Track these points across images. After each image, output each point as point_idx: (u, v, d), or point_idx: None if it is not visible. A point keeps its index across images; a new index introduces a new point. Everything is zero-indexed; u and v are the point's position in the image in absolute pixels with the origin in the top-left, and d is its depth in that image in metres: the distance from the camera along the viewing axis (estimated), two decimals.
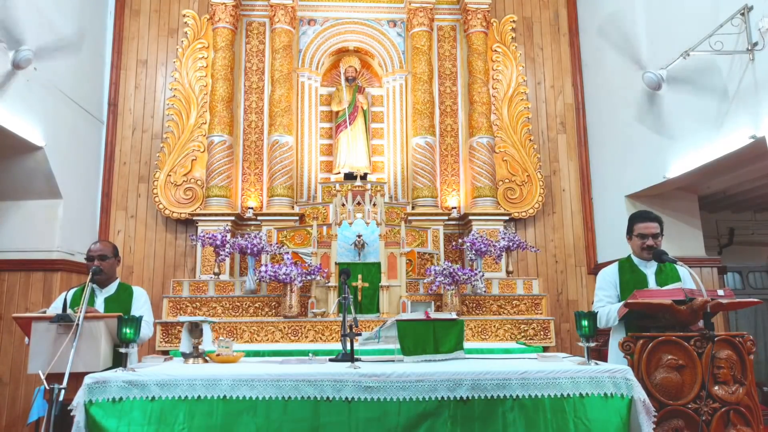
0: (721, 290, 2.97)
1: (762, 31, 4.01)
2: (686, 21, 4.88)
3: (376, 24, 6.96)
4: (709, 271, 5.87)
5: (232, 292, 5.34)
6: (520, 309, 5.41)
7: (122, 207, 6.52)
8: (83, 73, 6.13)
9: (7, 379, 5.29)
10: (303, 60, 6.84)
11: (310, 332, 4.97)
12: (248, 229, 6.33)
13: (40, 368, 2.60)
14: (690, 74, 4.78)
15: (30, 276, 5.43)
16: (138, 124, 6.71)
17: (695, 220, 6.06)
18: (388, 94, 7.02)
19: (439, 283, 5.10)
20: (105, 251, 3.64)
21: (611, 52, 6.30)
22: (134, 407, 2.48)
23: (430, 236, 6.24)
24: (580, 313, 2.84)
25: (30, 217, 5.52)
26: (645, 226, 3.36)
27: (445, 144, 6.80)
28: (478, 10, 6.78)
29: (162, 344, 4.98)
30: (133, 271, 6.40)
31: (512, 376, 2.60)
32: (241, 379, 2.55)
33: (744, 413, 2.78)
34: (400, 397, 2.54)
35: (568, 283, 6.75)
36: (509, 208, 6.59)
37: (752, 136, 4.11)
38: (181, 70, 6.64)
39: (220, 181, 6.25)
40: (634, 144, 5.87)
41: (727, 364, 2.79)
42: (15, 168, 5.27)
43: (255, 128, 6.67)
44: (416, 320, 3.15)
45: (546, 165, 6.94)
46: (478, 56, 6.73)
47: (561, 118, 7.08)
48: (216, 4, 6.54)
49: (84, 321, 2.75)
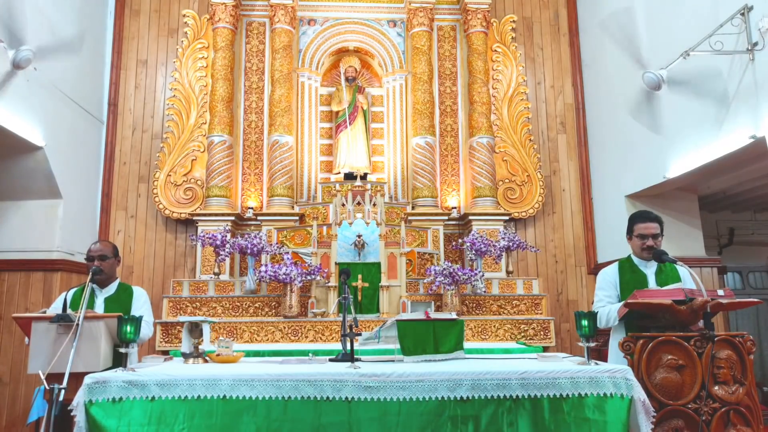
0: (721, 290, 2.96)
1: (762, 31, 4.01)
2: (686, 21, 4.87)
3: (376, 24, 6.95)
4: (709, 271, 5.87)
5: (232, 292, 5.34)
6: (520, 309, 5.41)
7: (122, 207, 6.52)
8: (83, 73, 6.13)
9: (7, 379, 5.29)
10: (303, 60, 6.84)
11: (310, 332, 4.97)
12: (248, 229, 6.33)
13: (40, 368, 2.60)
14: (690, 74, 4.78)
15: (30, 276, 5.43)
16: (138, 124, 6.71)
17: (695, 220, 6.06)
18: (388, 94, 7.02)
19: (439, 283, 5.10)
20: (105, 251, 3.64)
21: (611, 52, 6.31)
22: (134, 407, 2.48)
23: (430, 236, 6.24)
24: (580, 313, 2.84)
25: (30, 217, 5.52)
26: (645, 227, 3.35)
27: (445, 144, 6.80)
28: (478, 10, 6.78)
29: (162, 344, 4.99)
30: (133, 271, 6.40)
31: (512, 376, 2.60)
32: (241, 379, 2.55)
33: (744, 413, 2.78)
34: (400, 397, 2.54)
35: (568, 283, 6.75)
36: (509, 208, 6.59)
37: (752, 136, 4.11)
38: (181, 70, 6.64)
39: (220, 181, 6.25)
40: (634, 144, 5.87)
41: (727, 364, 2.79)
42: (15, 168, 5.27)
43: (255, 128, 6.67)
44: (416, 320, 3.15)
45: (546, 165, 6.94)
46: (478, 56, 6.73)
47: (561, 118, 7.08)
48: (216, 4, 6.54)
49: (84, 321, 2.75)
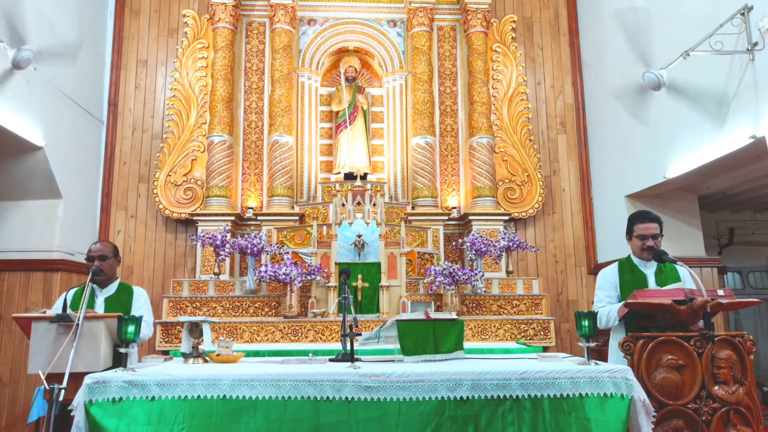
0: (721, 290, 2.96)
1: (762, 31, 4.01)
2: (686, 21, 4.87)
3: (376, 24, 6.95)
4: (709, 271, 5.87)
5: (232, 292, 5.34)
6: (520, 309, 5.41)
7: (122, 207, 6.52)
8: (83, 73, 6.13)
9: (7, 379, 5.29)
10: (303, 60, 6.84)
11: (310, 332, 4.97)
12: (248, 229, 6.33)
13: (40, 368, 2.60)
14: (690, 74, 4.78)
15: (30, 276, 5.43)
16: (138, 124, 6.71)
17: (695, 220, 6.05)
18: (388, 94, 7.02)
19: (439, 283, 5.10)
20: (105, 251, 3.64)
21: (611, 52, 6.30)
22: (134, 407, 2.48)
23: (430, 236, 6.24)
24: (580, 313, 2.84)
25: (30, 217, 5.52)
26: (645, 227, 3.35)
27: (445, 144, 6.80)
28: (478, 10, 6.78)
29: (162, 344, 4.98)
30: (133, 271, 6.40)
31: (512, 376, 2.60)
32: (241, 379, 2.55)
33: (744, 413, 2.78)
34: (400, 397, 2.54)
35: (568, 283, 6.74)
36: (509, 208, 6.58)
37: (752, 136, 4.11)
38: (181, 70, 6.63)
39: (220, 181, 6.25)
40: (634, 144, 5.87)
41: (727, 364, 2.79)
42: (15, 168, 5.27)
43: (255, 128, 6.67)
44: (416, 320, 3.15)
45: (546, 165, 6.94)
46: (478, 56, 6.73)
47: (561, 118, 7.08)
48: (216, 4, 6.54)
49: (84, 321, 2.75)
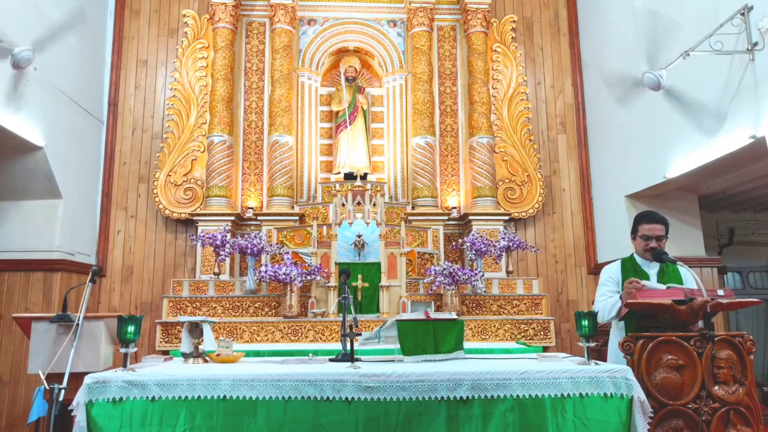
0: (721, 290, 2.96)
1: (762, 31, 4.01)
2: (686, 21, 4.87)
3: (376, 24, 6.95)
4: (709, 271, 5.87)
5: (232, 292, 5.34)
6: (520, 309, 5.41)
7: (122, 207, 6.52)
8: (83, 73, 6.13)
9: (7, 379, 5.29)
10: (303, 60, 6.84)
11: (310, 332, 4.97)
12: (248, 229, 6.33)
13: (40, 368, 2.61)
14: (690, 74, 4.78)
15: (30, 276, 5.42)
16: (138, 124, 6.71)
17: (695, 220, 6.05)
18: (388, 94, 7.02)
19: (439, 283, 5.10)
20: None
21: (611, 52, 6.30)
22: (134, 407, 2.48)
23: (430, 236, 6.23)
24: (580, 313, 2.84)
25: (30, 217, 5.52)
26: (650, 228, 3.33)
27: (445, 144, 6.80)
28: (478, 10, 6.78)
29: (162, 344, 4.99)
30: (133, 271, 6.40)
31: (512, 376, 2.60)
32: (242, 379, 2.55)
33: (744, 413, 2.78)
34: (400, 397, 2.55)
35: (568, 283, 6.74)
36: (509, 208, 6.58)
37: (752, 136, 4.11)
38: (181, 70, 6.63)
39: (220, 181, 6.24)
40: (634, 144, 5.87)
41: (727, 364, 2.79)
42: (15, 168, 5.27)
43: (255, 128, 6.67)
44: (416, 320, 3.15)
45: (546, 165, 6.94)
46: (478, 56, 6.73)
47: (561, 118, 7.08)
48: (216, 4, 6.53)
49: (84, 321, 2.75)
